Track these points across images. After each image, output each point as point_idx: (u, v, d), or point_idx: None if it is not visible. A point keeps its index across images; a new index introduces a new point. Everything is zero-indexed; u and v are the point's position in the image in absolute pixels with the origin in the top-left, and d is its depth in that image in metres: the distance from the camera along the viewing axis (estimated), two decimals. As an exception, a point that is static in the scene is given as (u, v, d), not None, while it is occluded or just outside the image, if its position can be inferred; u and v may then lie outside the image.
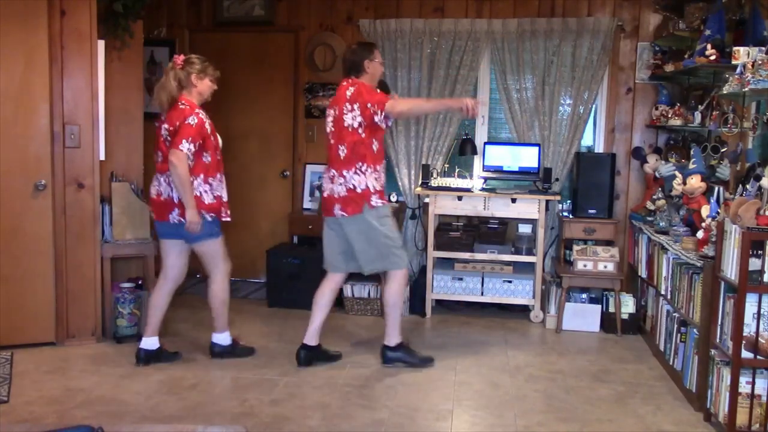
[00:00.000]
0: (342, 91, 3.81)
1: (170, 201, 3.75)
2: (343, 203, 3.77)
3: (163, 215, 3.78)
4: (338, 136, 3.78)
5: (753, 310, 3.01)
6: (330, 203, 3.83)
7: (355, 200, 3.75)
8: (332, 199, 3.81)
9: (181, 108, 3.73)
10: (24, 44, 3.92)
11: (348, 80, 3.84)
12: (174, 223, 3.76)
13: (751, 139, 3.83)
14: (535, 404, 3.50)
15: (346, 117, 3.74)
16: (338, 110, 3.78)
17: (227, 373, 3.80)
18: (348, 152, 3.75)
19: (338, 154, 3.78)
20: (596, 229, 4.88)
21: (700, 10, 4.28)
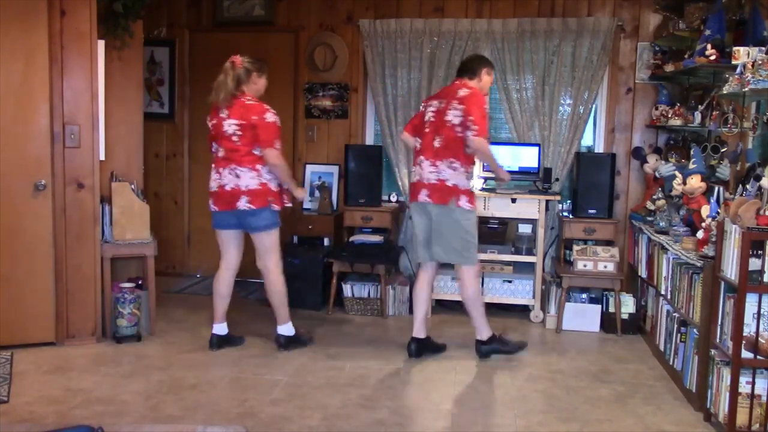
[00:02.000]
0: (454, 88, 3.98)
1: (237, 190, 3.94)
2: (431, 190, 3.92)
3: (232, 204, 3.95)
4: (436, 127, 3.95)
5: (753, 310, 3.01)
6: (418, 188, 3.98)
7: (443, 191, 3.90)
8: (421, 185, 3.96)
9: (250, 104, 3.98)
10: (24, 44, 3.92)
11: (462, 81, 4.02)
12: (243, 210, 3.93)
13: (751, 139, 3.83)
14: (535, 404, 3.50)
15: (449, 112, 3.90)
16: (445, 103, 3.93)
17: (227, 373, 3.80)
18: (443, 145, 3.91)
19: (433, 144, 3.94)
20: (596, 229, 4.88)
21: (700, 10, 4.28)
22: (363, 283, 5.07)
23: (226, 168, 3.96)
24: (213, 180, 4.03)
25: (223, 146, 3.98)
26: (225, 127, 3.96)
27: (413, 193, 4.04)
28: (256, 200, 3.94)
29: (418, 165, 4.01)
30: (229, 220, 4.04)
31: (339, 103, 5.61)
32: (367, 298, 5.06)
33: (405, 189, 5.45)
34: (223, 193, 3.97)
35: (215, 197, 4.02)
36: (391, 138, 5.41)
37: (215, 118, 4.02)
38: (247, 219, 3.99)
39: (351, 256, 5.01)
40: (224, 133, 3.96)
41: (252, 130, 3.92)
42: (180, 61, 5.90)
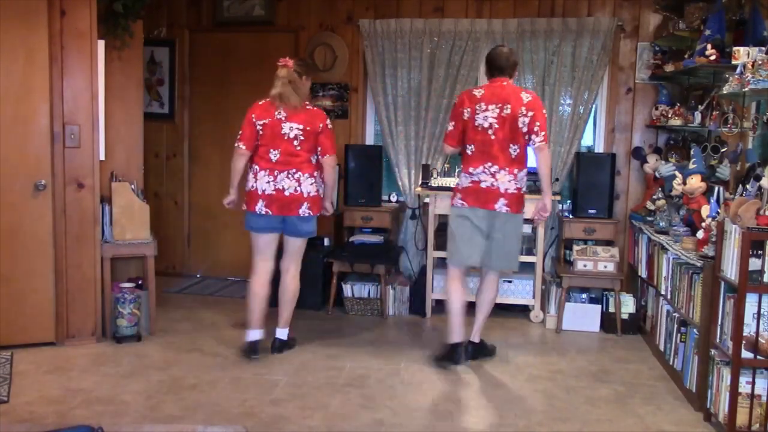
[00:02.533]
0: (513, 91, 3.84)
1: (299, 196, 3.90)
2: (510, 200, 3.82)
3: (292, 210, 3.91)
4: (510, 133, 3.79)
5: (753, 310, 3.01)
6: (491, 196, 3.82)
7: (519, 200, 3.86)
8: (496, 193, 3.81)
9: (312, 109, 3.99)
10: (24, 44, 3.92)
11: (506, 80, 3.88)
12: (303, 217, 3.92)
13: (751, 139, 3.83)
14: (535, 404, 3.50)
15: (520, 119, 3.78)
16: (512, 109, 3.78)
17: (227, 373, 3.80)
18: (520, 153, 3.83)
19: (509, 152, 3.81)
20: (596, 229, 4.88)
21: (700, 10, 4.28)
22: (363, 283, 5.07)
23: (282, 172, 3.89)
24: (264, 182, 3.90)
25: (280, 149, 3.89)
26: (284, 130, 3.89)
27: (482, 199, 3.83)
28: (314, 207, 3.96)
29: (488, 173, 3.82)
30: (275, 224, 3.97)
31: (339, 103, 5.61)
32: (367, 298, 5.06)
33: (405, 189, 5.45)
34: (281, 198, 3.89)
35: (269, 200, 3.90)
36: (391, 138, 5.41)
37: (268, 118, 3.92)
38: (299, 224, 3.95)
39: (351, 256, 5.01)
40: (283, 136, 3.89)
41: (316, 137, 3.91)
42: (180, 61, 5.90)
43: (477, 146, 3.85)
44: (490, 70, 3.93)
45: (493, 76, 3.91)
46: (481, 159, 3.84)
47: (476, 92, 3.90)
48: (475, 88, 4.01)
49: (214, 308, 5.10)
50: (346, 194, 5.23)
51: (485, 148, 3.82)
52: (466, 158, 3.91)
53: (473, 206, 3.86)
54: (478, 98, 3.86)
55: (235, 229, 5.94)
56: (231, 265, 5.99)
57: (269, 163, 3.91)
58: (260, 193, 3.92)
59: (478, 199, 3.85)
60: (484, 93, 3.87)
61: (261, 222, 3.97)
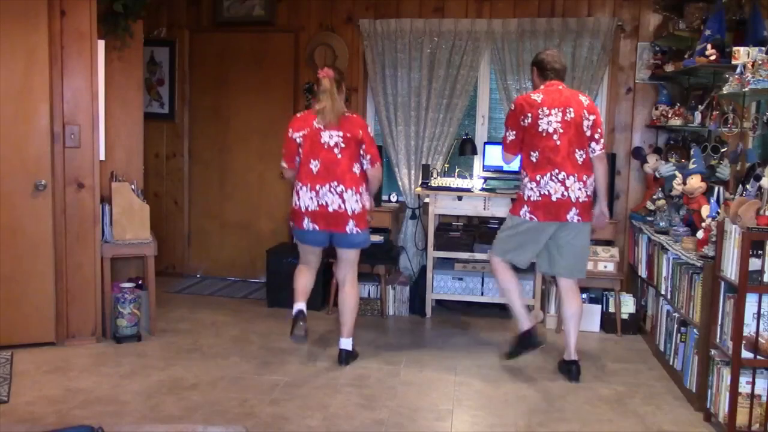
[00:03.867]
0: (572, 94, 3.76)
1: (344, 213, 3.79)
2: (581, 209, 3.70)
3: (339, 226, 3.80)
4: (576, 138, 3.68)
5: (753, 310, 3.01)
6: (563, 208, 3.68)
7: (588, 208, 3.76)
8: (567, 203, 3.68)
9: (350, 116, 3.87)
10: (24, 44, 3.92)
11: (561, 84, 3.80)
12: (351, 234, 3.81)
13: (751, 139, 3.83)
14: (535, 404, 3.50)
15: (584, 122, 3.70)
16: (575, 113, 3.67)
17: (227, 373, 3.80)
18: (586, 158, 3.72)
19: (575, 157, 3.68)
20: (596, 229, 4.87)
21: (700, 10, 4.28)
22: (363, 283, 5.07)
23: (324, 186, 3.76)
24: (307, 198, 3.79)
25: (320, 159, 3.78)
26: (323, 138, 3.78)
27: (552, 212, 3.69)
28: (361, 223, 3.83)
29: (555, 180, 3.67)
30: (322, 238, 3.89)
31: (339, 103, 5.60)
32: (367, 298, 5.06)
33: (405, 189, 5.45)
34: (325, 213, 3.78)
35: (314, 216, 3.79)
36: (391, 138, 5.41)
37: (306, 128, 3.82)
38: (347, 238, 3.84)
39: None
40: (323, 145, 3.78)
41: (358, 144, 3.80)
42: (180, 61, 5.90)
43: (542, 153, 3.70)
44: (544, 72, 3.81)
45: (548, 78, 3.79)
46: (547, 166, 3.68)
47: (535, 96, 3.74)
48: (533, 92, 3.82)
49: (214, 308, 5.10)
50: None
51: (551, 155, 3.68)
52: (531, 166, 3.74)
53: (544, 221, 3.72)
54: (539, 103, 3.70)
55: (235, 229, 5.95)
56: (231, 265, 5.99)
57: (310, 177, 3.79)
58: (304, 210, 3.81)
59: (550, 212, 3.70)
60: (543, 97, 3.72)
61: (308, 236, 3.89)
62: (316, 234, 3.85)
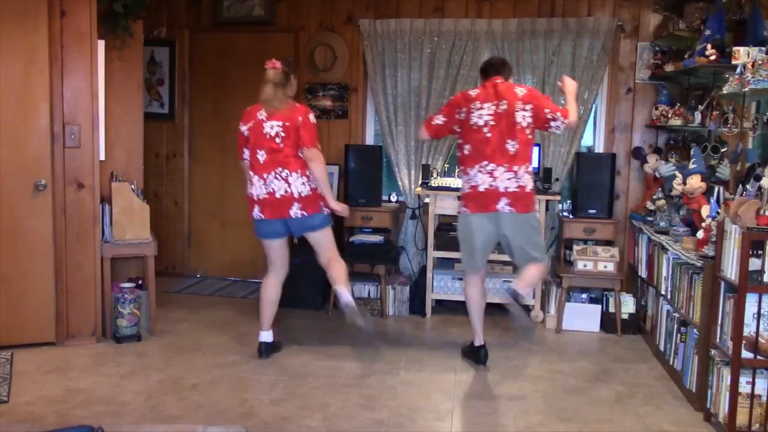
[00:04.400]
0: (507, 88, 3.81)
1: (289, 197, 3.84)
2: (513, 199, 3.74)
3: (283, 212, 3.86)
4: (508, 131, 3.73)
5: (753, 310, 3.01)
6: (493, 198, 3.75)
7: (525, 199, 3.76)
8: (496, 194, 3.74)
9: (292, 105, 3.93)
10: (24, 44, 3.92)
11: (500, 79, 3.86)
12: (296, 218, 3.85)
13: (751, 139, 3.83)
14: (535, 404, 3.50)
15: (518, 114, 3.73)
16: (508, 105, 3.74)
17: (227, 373, 3.80)
18: (520, 149, 3.74)
19: (506, 148, 3.73)
20: (596, 229, 4.88)
21: (700, 10, 4.28)
22: (363, 283, 5.07)
23: (270, 173, 3.84)
24: (257, 187, 3.88)
25: (264, 149, 3.86)
26: (266, 129, 3.86)
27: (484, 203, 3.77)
28: (309, 207, 3.87)
29: (485, 173, 3.74)
30: (278, 229, 3.93)
31: (339, 103, 5.61)
32: (367, 298, 5.06)
33: (405, 189, 5.45)
34: (273, 200, 3.85)
35: (263, 204, 3.87)
36: (391, 138, 5.41)
37: (251, 121, 3.92)
38: (303, 221, 3.89)
39: (351, 256, 5.00)
40: (265, 136, 3.86)
41: (297, 131, 3.84)
42: (180, 61, 5.90)
43: (473, 146, 3.80)
44: (486, 72, 3.94)
45: (489, 75, 3.90)
46: (477, 158, 3.78)
47: (472, 92, 3.89)
48: (472, 89, 4.00)
49: (213, 308, 5.10)
50: (346, 194, 5.23)
51: (481, 147, 3.77)
52: (464, 159, 3.87)
53: (476, 212, 3.81)
54: (474, 97, 3.83)
55: (235, 229, 5.95)
56: (231, 265, 5.99)
57: (258, 166, 3.88)
58: (255, 199, 3.90)
59: (480, 203, 3.79)
60: (479, 92, 3.85)
61: (261, 228, 3.96)
62: (266, 224, 3.91)
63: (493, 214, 3.77)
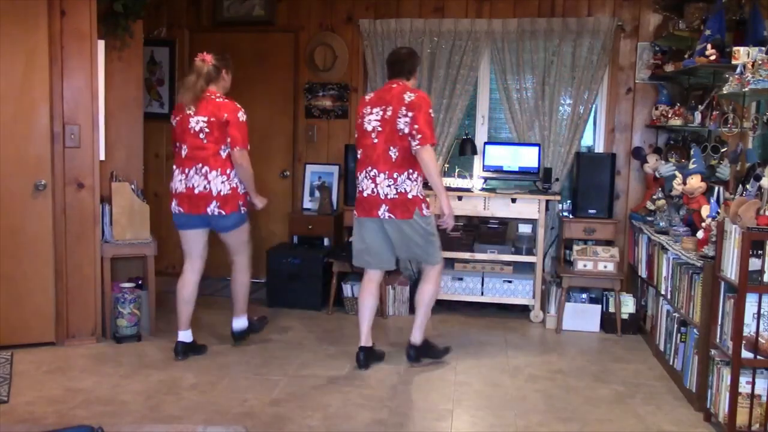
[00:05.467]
0: (397, 93, 3.73)
1: (208, 194, 3.82)
2: (391, 206, 3.72)
3: (199, 208, 3.84)
4: (388, 137, 3.71)
5: (753, 310, 3.01)
6: (373, 203, 3.76)
7: (405, 205, 3.72)
8: (377, 200, 3.74)
9: (220, 101, 3.87)
10: (24, 44, 3.92)
11: (399, 82, 3.79)
12: (213, 215, 3.84)
13: (751, 139, 3.83)
14: (535, 404, 3.50)
15: (399, 120, 3.68)
16: (392, 111, 3.69)
17: (227, 373, 3.80)
18: (399, 156, 3.70)
19: (388, 155, 3.71)
20: (596, 229, 4.88)
21: (700, 10, 4.28)
22: (363, 283, 5.07)
23: (191, 168, 3.84)
24: (177, 180, 3.89)
25: (187, 144, 3.85)
26: (191, 124, 3.83)
27: (365, 208, 3.80)
28: (226, 206, 3.84)
29: (369, 179, 3.75)
30: (195, 222, 3.92)
31: (339, 103, 5.61)
32: (367, 298, 5.05)
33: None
34: (191, 196, 3.84)
35: (180, 198, 3.88)
36: (391, 138, 5.40)
37: (180, 114, 3.90)
38: (218, 220, 3.88)
39: (351, 256, 5.00)
40: (189, 131, 3.84)
41: (222, 128, 3.80)
42: (180, 61, 5.89)
43: (363, 150, 3.81)
44: (388, 72, 3.88)
45: (388, 77, 3.87)
46: (365, 163, 3.78)
47: (367, 96, 3.91)
48: (369, 92, 3.98)
49: (213, 308, 5.10)
50: (346, 194, 5.23)
51: (368, 152, 3.76)
52: (357, 163, 3.88)
53: (361, 216, 3.85)
54: (367, 102, 3.84)
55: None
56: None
57: (180, 160, 3.89)
58: (174, 192, 3.91)
59: (364, 208, 3.80)
60: (372, 97, 3.85)
61: (179, 220, 3.95)
62: (184, 218, 3.91)
63: (377, 220, 3.78)
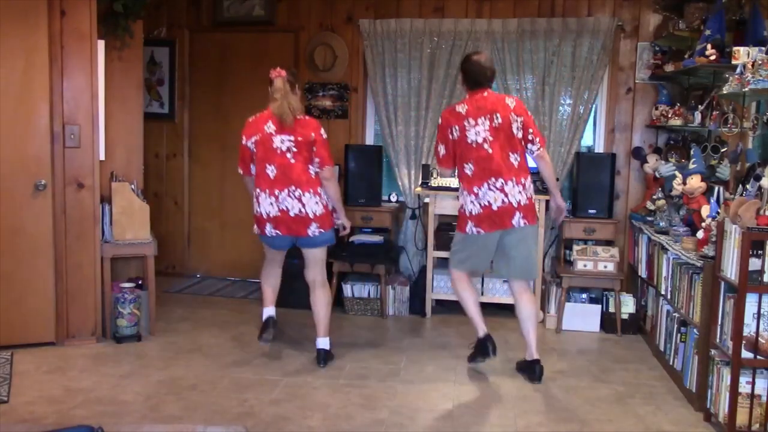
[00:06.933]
0: (496, 99, 3.68)
1: (305, 217, 3.79)
2: (525, 212, 3.66)
3: (300, 231, 3.81)
4: (507, 143, 3.64)
5: (753, 310, 3.01)
6: (507, 214, 3.64)
7: (533, 210, 3.72)
8: (510, 210, 3.64)
9: (301, 119, 3.82)
10: (24, 44, 3.92)
11: (488, 90, 3.73)
12: (313, 236, 3.82)
13: (751, 139, 3.83)
14: (535, 404, 3.50)
15: (513, 125, 3.64)
16: (502, 118, 3.62)
17: (227, 373, 3.80)
18: (521, 161, 3.67)
19: (510, 162, 3.64)
20: (596, 229, 4.88)
21: (700, 10, 4.28)
22: (363, 283, 5.07)
23: (283, 191, 3.75)
24: (266, 205, 3.79)
25: (275, 164, 3.76)
26: (276, 143, 3.75)
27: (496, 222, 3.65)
28: (325, 224, 3.84)
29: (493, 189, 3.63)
30: (287, 242, 3.92)
31: (339, 103, 5.62)
32: (367, 298, 5.06)
33: (405, 189, 5.45)
34: (286, 219, 3.77)
35: (276, 222, 3.79)
36: (391, 138, 5.41)
37: (257, 134, 3.79)
38: (311, 240, 3.86)
39: (351, 256, 5.01)
40: (276, 151, 3.75)
41: (309, 147, 3.76)
42: (180, 61, 5.90)
43: (476, 164, 3.67)
44: (469, 82, 3.75)
45: (473, 88, 3.73)
46: (483, 177, 3.65)
47: (459, 108, 3.73)
48: (457, 104, 3.80)
49: (214, 308, 5.11)
50: (346, 194, 5.23)
51: (485, 164, 3.65)
52: (467, 179, 3.72)
53: (490, 231, 3.70)
54: (464, 114, 3.69)
55: (235, 229, 5.94)
56: (231, 265, 5.99)
57: (268, 182, 3.78)
58: (266, 217, 3.82)
59: (494, 222, 3.67)
60: (468, 108, 3.69)
61: (274, 242, 3.93)
62: (280, 239, 3.89)
63: (508, 229, 3.69)
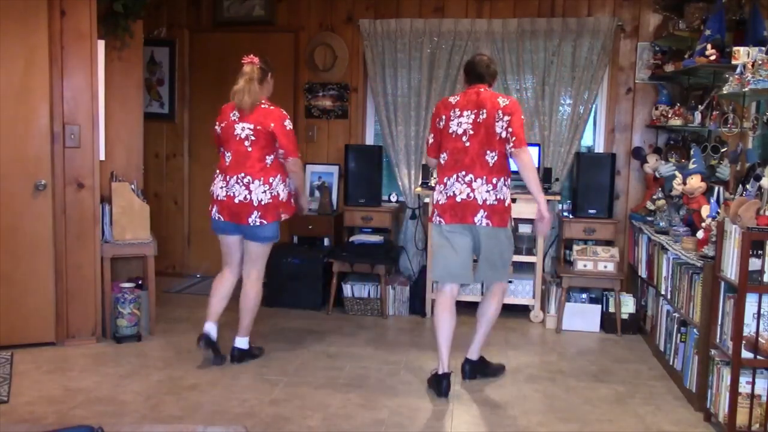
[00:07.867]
0: (489, 97, 3.55)
1: (249, 204, 3.75)
2: (489, 212, 3.49)
3: (241, 218, 3.77)
4: (487, 140, 3.49)
5: (753, 310, 3.01)
6: (469, 209, 3.50)
7: (500, 213, 3.51)
8: (473, 206, 3.50)
9: (266, 108, 3.79)
10: (24, 44, 3.92)
11: (483, 87, 3.61)
12: (253, 226, 3.77)
13: (751, 139, 3.83)
14: (535, 404, 3.50)
15: (497, 124, 3.48)
16: (487, 114, 3.49)
17: (227, 373, 3.80)
18: (498, 160, 3.50)
19: (485, 160, 3.49)
20: (596, 229, 4.88)
21: (700, 10, 4.29)
22: (363, 283, 5.07)
23: (234, 176, 3.75)
24: (218, 187, 3.81)
25: (231, 151, 3.78)
26: (237, 131, 3.76)
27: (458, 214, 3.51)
28: (267, 215, 3.77)
29: (462, 183, 3.50)
30: (232, 228, 3.86)
31: (339, 103, 5.62)
32: (367, 298, 5.06)
33: (405, 189, 5.45)
34: (231, 205, 3.76)
35: (221, 206, 3.80)
36: (391, 138, 5.41)
37: (225, 120, 3.82)
38: (255, 229, 3.80)
39: (351, 256, 5.01)
40: (235, 137, 3.76)
41: (268, 136, 3.74)
42: (180, 61, 5.90)
43: (450, 154, 3.56)
44: (469, 78, 3.69)
45: (471, 83, 3.66)
46: (454, 168, 3.54)
47: (452, 99, 3.66)
48: (452, 95, 3.75)
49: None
50: (346, 194, 5.23)
51: (459, 156, 3.53)
52: (440, 168, 3.63)
53: (451, 223, 3.55)
54: (453, 104, 3.61)
55: (235, 229, 5.94)
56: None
57: (223, 167, 3.81)
58: (214, 197, 3.83)
59: (456, 214, 3.53)
60: (459, 99, 3.62)
61: (218, 225, 3.88)
62: (223, 224, 3.85)
63: (468, 226, 3.54)
